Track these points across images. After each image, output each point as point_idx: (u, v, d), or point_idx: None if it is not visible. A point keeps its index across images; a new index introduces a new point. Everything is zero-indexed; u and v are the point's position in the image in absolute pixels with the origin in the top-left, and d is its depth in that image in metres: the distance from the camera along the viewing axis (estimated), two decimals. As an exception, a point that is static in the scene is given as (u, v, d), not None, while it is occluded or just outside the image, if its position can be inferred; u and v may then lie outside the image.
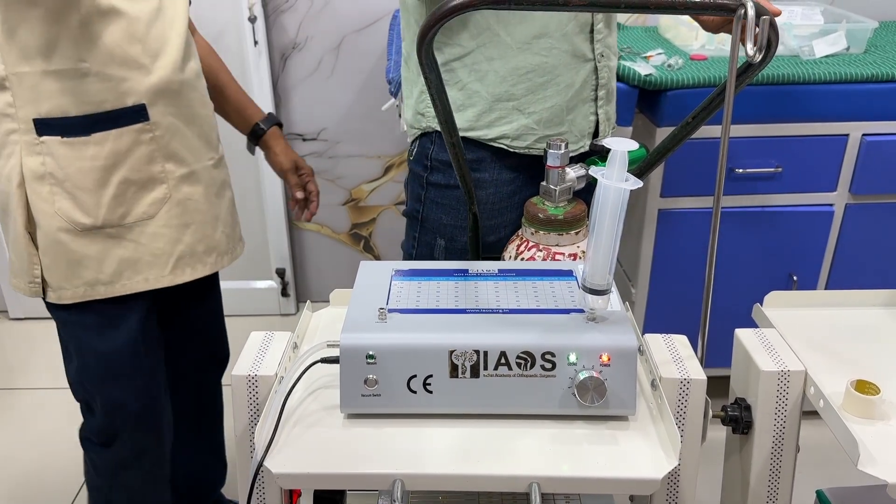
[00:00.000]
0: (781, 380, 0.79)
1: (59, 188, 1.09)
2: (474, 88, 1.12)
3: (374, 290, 0.82)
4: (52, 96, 1.06)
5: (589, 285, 0.73)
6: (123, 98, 1.10)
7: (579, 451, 0.70)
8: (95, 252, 1.13)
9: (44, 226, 1.11)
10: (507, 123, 1.14)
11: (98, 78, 1.07)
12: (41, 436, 2.03)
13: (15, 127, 1.08)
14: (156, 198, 1.15)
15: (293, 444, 0.71)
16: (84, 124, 1.08)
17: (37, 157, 1.08)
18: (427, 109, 1.18)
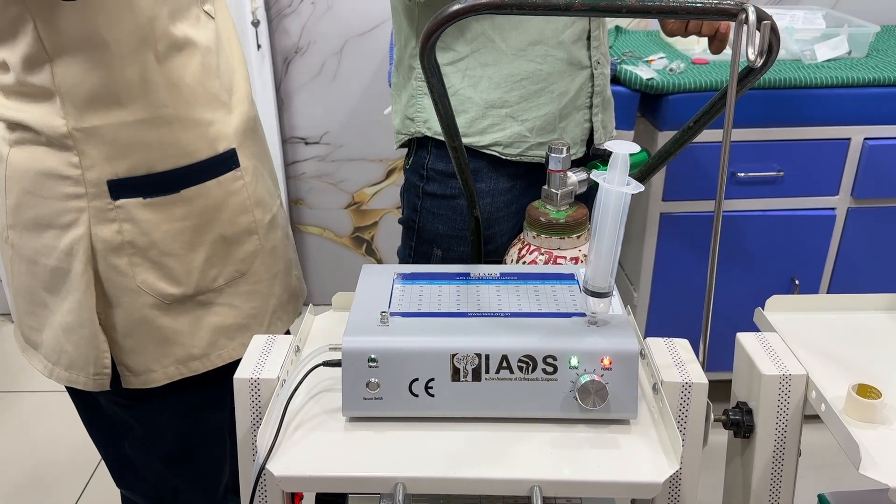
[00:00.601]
0: (783, 384, 0.79)
1: (140, 258, 0.94)
2: (467, 94, 1.13)
3: (376, 293, 0.82)
4: (131, 151, 0.90)
5: (591, 288, 0.73)
6: (215, 144, 0.95)
7: (581, 454, 0.70)
8: (186, 325, 0.99)
9: (124, 304, 0.95)
10: (500, 130, 1.14)
11: (184, 124, 0.92)
12: (43, 439, 2.03)
13: (79, 192, 0.91)
14: (248, 251, 1.02)
15: (295, 447, 0.71)
16: (171, 180, 0.93)
17: (110, 225, 0.92)
18: (417, 114, 1.18)
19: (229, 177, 0.98)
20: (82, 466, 1.93)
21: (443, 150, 1.14)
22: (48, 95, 0.88)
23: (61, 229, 0.93)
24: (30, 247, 0.96)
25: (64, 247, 0.93)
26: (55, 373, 1.01)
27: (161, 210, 0.94)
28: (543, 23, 1.08)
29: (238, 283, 1.02)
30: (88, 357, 0.97)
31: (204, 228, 0.97)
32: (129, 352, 0.98)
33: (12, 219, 0.96)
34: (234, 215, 1.00)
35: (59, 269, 0.94)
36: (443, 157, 1.16)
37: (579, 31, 1.13)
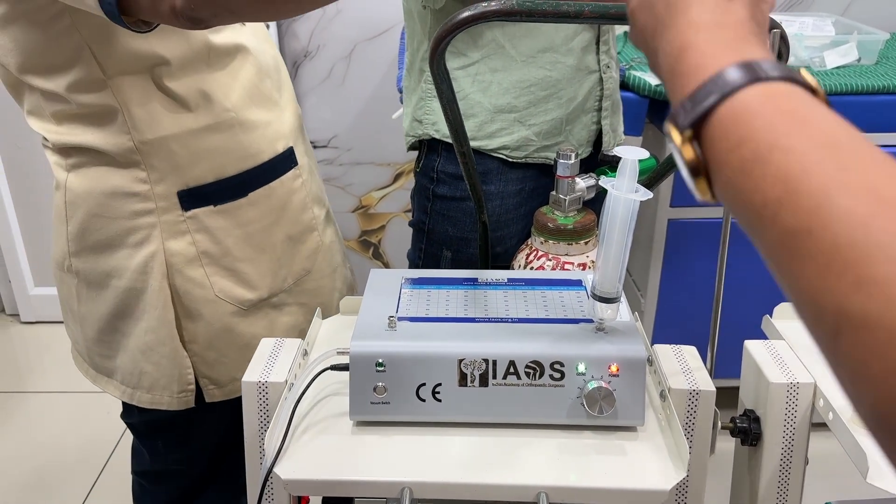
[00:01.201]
0: (791, 392, 0.79)
1: (216, 267, 0.94)
2: (476, 99, 1.13)
3: (384, 297, 0.82)
4: (199, 159, 0.90)
5: (598, 293, 0.73)
6: (274, 144, 0.97)
7: (588, 461, 0.70)
8: (263, 328, 0.99)
9: (206, 315, 0.94)
10: (508, 135, 1.14)
11: (245, 127, 0.93)
12: (51, 439, 2.04)
13: (149, 207, 0.90)
14: (310, 248, 1.03)
15: (303, 450, 0.71)
16: (239, 184, 0.93)
17: (183, 238, 0.92)
18: (425, 117, 1.18)
19: (290, 175, 0.99)
20: (89, 468, 1.94)
21: (453, 153, 1.15)
22: (111, 113, 0.87)
23: (133, 248, 0.92)
24: (98, 271, 0.94)
25: (137, 265, 0.92)
26: (136, 396, 0.99)
27: (231, 216, 0.94)
28: (553, 30, 1.08)
29: (304, 280, 1.03)
30: (171, 375, 0.96)
31: (271, 230, 0.98)
32: (212, 364, 0.97)
33: (76, 245, 0.95)
34: (296, 214, 1.01)
35: (133, 290, 0.93)
36: (453, 159, 1.16)
37: (589, 38, 1.13)
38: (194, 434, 1.08)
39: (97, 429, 2.07)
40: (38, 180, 2.36)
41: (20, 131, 2.30)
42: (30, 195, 2.38)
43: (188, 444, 1.09)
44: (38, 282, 2.51)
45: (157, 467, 1.12)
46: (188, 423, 1.06)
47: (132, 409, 1.07)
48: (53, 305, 2.51)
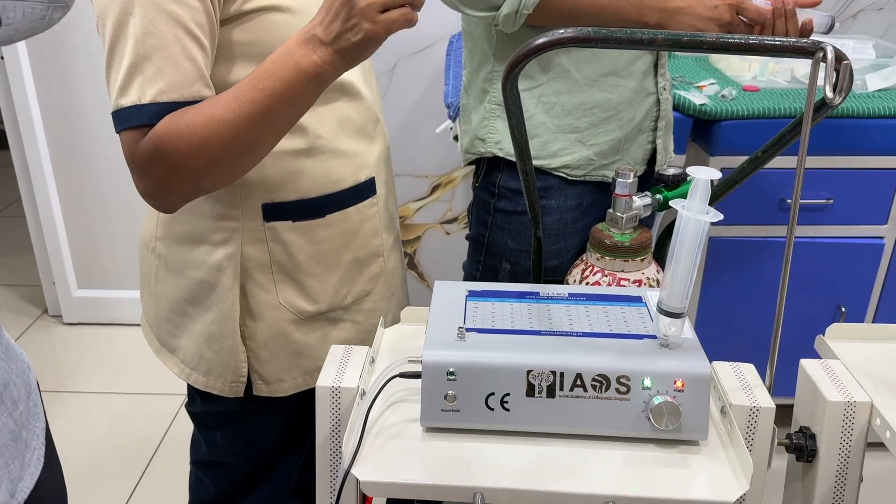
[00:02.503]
0: (847, 410, 0.81)
1: (283, 276, 1.01)
2: (540, 119, 1.16)
3: (450, 309, 0.85)
4: (287, 179, 0.97)
5: (665, 308, 0.75)
6: (357, 173, 1.03)
7: (653, 472, 0.72)
8: (316, 339, 1.06)
9: (266, 318, 1.02)
10: (569, 154, 1.18)
11: (334, 155, 1.00)
12: (92, 440, 2.09)
13: (235, 213, 0.97)
14: (374, 272, 1.09)
15: (376, 453, 0.74)
16: (319, 206, 1.00)
17: (260, 245, 0.99)
18: (489, 135, 1.22)
19: (367, 203, 1.06)
20: (130, 469, 1.98)
21: (514, 169, 1.18)
22: None
23: (213, 246, 0.99)
24: (178, 259, 1.02)
25: (214, 262, 0.99)
26: (192, 377, 1.06)
27: (306, 233, 1.01)
28: (616, 55, 1.12)
29: (363, 301, 1.09)
30: (227, 365, 1.03)
31: (341, 251, 1.04)
32: (264, 362, 1.04)
33: (163, 231, 1.02)
34: (366, 239, 1.07)
35: (206, 283, 1.00)
36: (514, 175, 1.19)
37: (649, 62, 1.16)
38: (250, 430, 1.13)
39: (138, 430, 2.11)
40: (85, 184, 2.42)
41: (69, 136, 2.36)
42: (76, 199, 2.44)
43: (244, 439, 1.14)
44: (82, 284, 2.57)
45: (213, 458, 1.17)
46: (245, 418, 1.11)
47: (195, 398, 1.13)
48: (96, 308, 2.58)
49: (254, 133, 0.84)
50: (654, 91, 1.20)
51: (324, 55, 0.82)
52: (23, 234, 2.66)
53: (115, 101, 0.86)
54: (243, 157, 0.86)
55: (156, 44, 0.83)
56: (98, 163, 2.39)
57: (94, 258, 2.53)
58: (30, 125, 2.32)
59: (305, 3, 0.93)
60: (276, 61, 0.83)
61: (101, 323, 2.57)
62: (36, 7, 0.58)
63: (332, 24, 0.81)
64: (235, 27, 0.90)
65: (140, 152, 0.85)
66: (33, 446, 0.72)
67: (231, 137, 0.83)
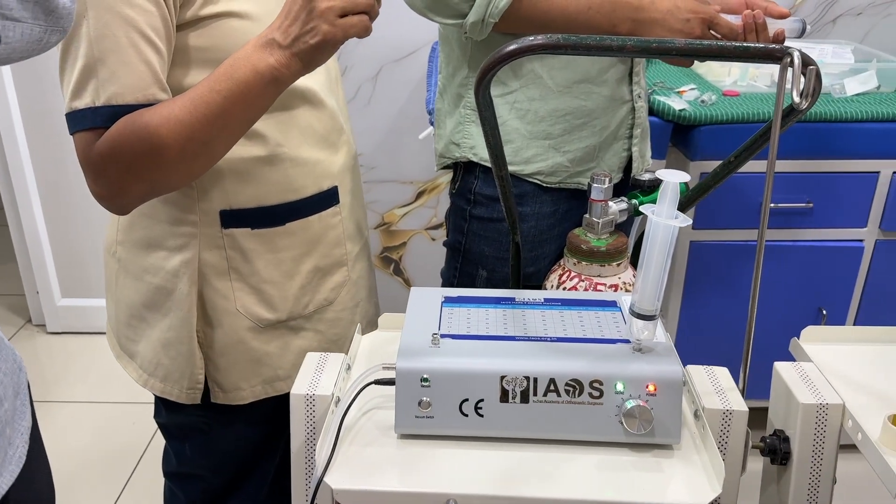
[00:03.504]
0: (820, 412, 0.81)
1: (242, 283, 1.00)
2: (513, 125, 1.17)
3: (425, 315, 0.85)
4: (246, 186, 0.97)
5: (637, 310, 0.76)
6: (319, 182, 1.02)
7: (626, 477, 0.73)
8: (275, 348, 1.05)
9: (224, 325, 1.01)
10: (543, 161, 1.18)
11: (294, 163, 0.99)
12: (77, 449, 2.07)
13: (193, 219, 0.97)
14: (337, 282, 1.08)
15: (350, 461, 0.74)
16: (279, 214, 0.99)
17: (218, 252, 0.98)
18: (463, 140, 1.22)
19: (329, 212, 1.05)
20: (114, 478, 1.97)
21: (490, 176, 1.18)
22: None
23: (170, 251, 0.99)
24: (137, 264, 1.01)
25: (171, 268, 0.99)
26: (150, 383, 1.06)
27: (266, 240, 1.00)
28: (589, 62, 1.12)
29: (325, 310, 1.08)
30: (184, 372, 1.02)
31: (302, 259, 1.03)
32: (221, 370, 1.03)
33: (123, 236, 1.02)
34: (329, 248, 1.06)
35: (163, 288, 1.00)
36: (490, 181, 1.20)
37: (622, 70, 1.17)
38: (217, 441, 1.12)
39: (123, 439, 2.10)
40: (68, 193, 2.41)
41: (52, 145, 2.35)
42: (59, 208, 2.43)
43: (211, 449, 1.13)
44: (66, 293, 2.55)
45: (184, 470, 1.16)
46: (211, 428, 1.10)
47: (161, 409, 1.12)
48: (80, 317, 2.56)
49: (209, 134, 0.84)
50: (629, 99, 1.20)
51: (280, 58, 0.83)
52: (6, 244, 2.64)
53: (69, 103, 0.86)
54: (199, 157, 0.86)
55: (109, 46, 0.83)
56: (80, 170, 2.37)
57: (77, 267, 2.51)
58: (11, 134, 2.30)
59: (264, 10, 0.93)
60: (233, 64, 0.84)
61: (85, 332, 2.56)
62: (34, 29, 0.59)
63: (291, 28, 0.82)
64: (192, 32, 0.90)
65: (95, 154, 0.85)
66: (16, 444, 0.72)
67: (187, 139, 0.84)
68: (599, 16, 1.05)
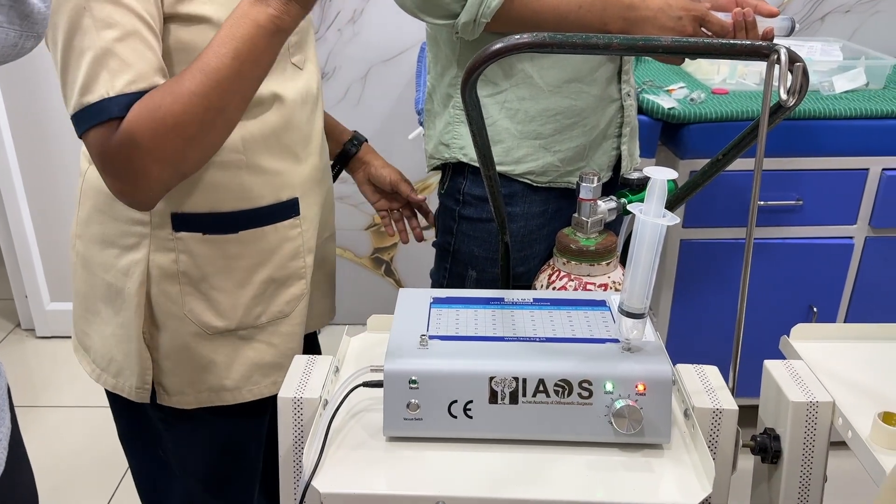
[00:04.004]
0: (810, 410, 0.81)
1: (191, 288, 0.98)
2: (504, 125, 1.16)
3: (414, 316, 0.84)
4: (198, 190, 0.95)
5: (626, 309, 0.75)
6: (278, 192, 1.00)
7: (616, 477, 0.72)
8: (224, 357, 1.02)
9: (169, 328, 0.99)
10: (534, 161, 1.18)
11: (253, 171, 0.97)
12: (66, 454, 2.06)
13: (144, 219, 0.96)
14: (294, 294, 1.05)
15: (339, 464, 0.74)
16: (231, 221, 0.98)
17: (168, 254, 0.97)
18: (453, 141, 1.21)
19: (287, 224, 1.02)
20: (104, 483, 1.95)
21: (479, 176, 1.18)
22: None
23: (122, 249, 0.98)
24: (92, 259, 1.01)
25: (122, 266, 0.98)
26: (102, 378, 1.06)
27: (218, 247, 0.98)
28: (580, 61, 1.12)
29: (280, 323, 1.05)
30: (133, 369, 1.02)
31: (255, 269, 1.01)
32: (166, 372, 1.02)
33: (81, 229, 1.03)
34: (286, 260, 1.03)
35: (113, 286, 1.00)
36: (479, 182, 1.19)
37: (612, 69, 1.17)
38: (176, 448, 1.10)
39: (113, 444, 2.07)
40: (56, 196, 2.39)
41: (39, 148, 2.34)
42: (47, 211, 2.42)
43: (170, 455, 1.11)
44: (55, 297, 2.54)
45: (148, 483, 1.16)
46: (163, 434, 1.09)
47: (121, 416, 1.12)
48: (69, 321, 2.53)
49: (223, 100, 0.83)
50: (617, 98, 1.20)
51: (277, 6, 0.82)
52: (-6, 248, 2.62)
53: (78, 100, 0.83)
54: (216, 127, 0.85)
55: (117, 35, 0.82)
56: (69, 174, 2.36)
57: (66, 271, 2.50)
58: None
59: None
60: (232, 24, 0.82)
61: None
62: (9, 33, 0.58)
63: None
64: (172, 25, 0.89)
65: (113, 147, 0.83)
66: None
67: (204, 109, 0.82)
68: (591, 14, 1.05)
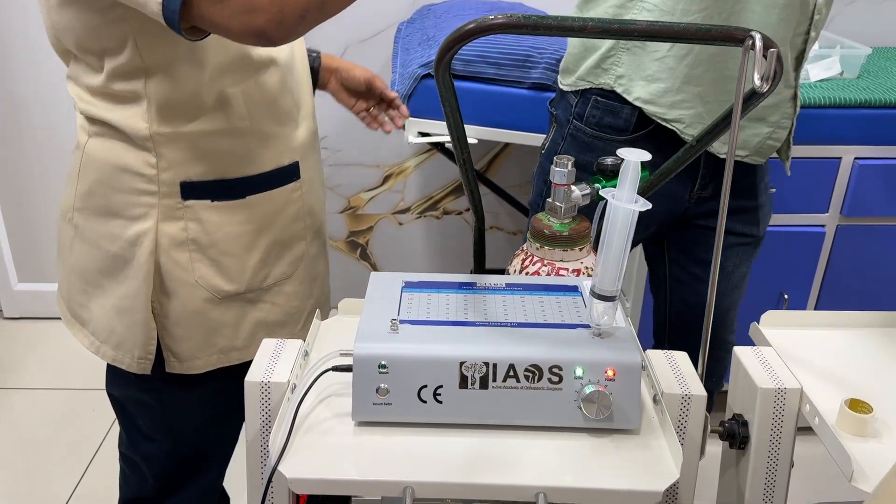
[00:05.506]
0: (778, 397, 0.81)
1: (201, 255, 1.00)
2: (669, 64, 1.13)
3: (384, 301, 0.84)
4: (206, 158, 0.97)
5: (598, 292, 0.75)
6: (280, 157, 1.03)
7: (584, 462, 0.72)
8: (232, 318, 1.05)
9: (181, 296, 1.01)
10: (688, 109, 1.15)
11: (256, 137, 0.99)
12: (36, 437, 2.03)
13: (152, 189, 0.97)
14: (295, 255, 1.09)
15: (306, 449, 0.73)
16: (239, 187, 1.00)
17: (177, 223, 0.98)
18: (612, 67, 1.18)
19: (290, 187, 1.05)
20: (74, 465, 1.93)
21: (609, 109, 1.18)
22: (136, 100, 0.94)
23: (129, 220, 0.98)
24: (94, 231, 1.01)
25: (129, 237, 0.98)
26: (101, 350, 1.06)
27: (226, 213, 1.00)
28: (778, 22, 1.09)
29: (284, 283, 1.08)
30: (136, 340, 1.02)
31: (261, 232, 1.03)
32: (178, 339, 1.03)
33: (81, 203, 1.01)
34: (288, 222, 1.06)
35: (120, 257, 0.99)
36: (613, 114, 1.18)
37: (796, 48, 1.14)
38: (172, 417, 1.11)
39: (83, 426, 2.06)
40: (23, 175, 2.34)
41: (6, 125, 2.28)
42: (14, 191, 2.37)
43: (165, 426, 1.12)
44: (22, 277, 2.49)
45: (137, 450, 1.15)
46: (164, 403, 1.10)
47: (114, 379, 1.12)
48: (38, 301, 2.50)
49: None
50: (793, 84, 1.17)
51: None
52: (-40, 227, 2.57)
53: None
54: None
55: None
56: (36, 153, 2.31)
57: (34, 250, 2.45)
58: (-36, 113, 2.23)
59: None
60: None
61: (43, 317, 2.50)
62: None
63: None
64: None
65: None
66: None
67: None
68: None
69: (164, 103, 0.93)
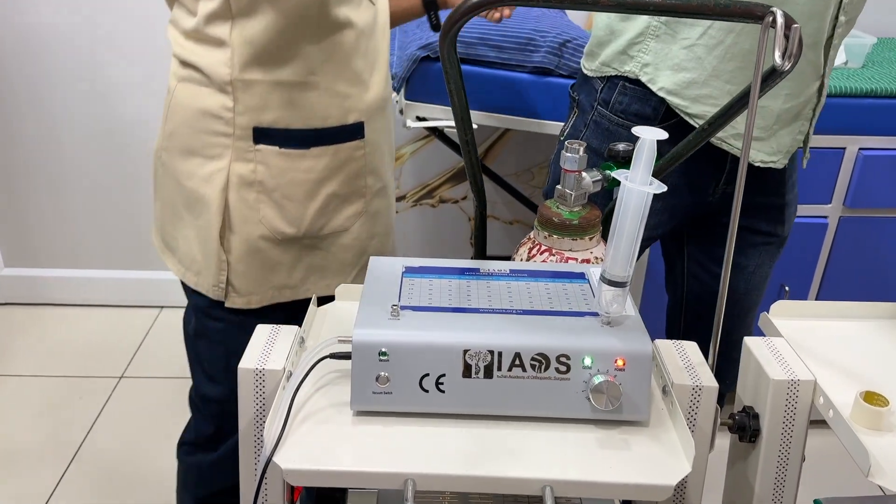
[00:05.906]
0: (791, 389, 0.79)
1: (266, 196, 1.09)
2: (698, 53, 1.09)
3: (385, 286, 0.80)
4: (278, 107, 1.05)
5: (608, 277, 0.72)
6: (346, 115, 1.09)
7: (593, 455, 0.69)
8: (289, 259, 1.13)
9: (243, 233, 1.10)
10: (713, 106, 1.10)
11: (325, 93, 1.07)
12: (22, 424, 2.00)
13: (228, 131, 1.06)
14: (355, 211, 1.16)
15: (302, 440, 0.70)
16: (304, 138, 1.08)
17: (248, 164, 1.07)
18: (639, 54, 1.14)
19: (352, 145, 1.12)
20: (61, 452, 1.90)
21: (637, 96, 1.14)
22: (221, 45, 1.03)
23: (206, 159, 1.08)
24: (176, 168, 1.12)
25: (205, 174, 1.09)
26: (187, 276, 1.17)
27: (291, 160, 1.08)
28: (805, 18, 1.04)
29: (340, 235, 1.16)
30: (211, 269, 1.12)
31: (322, 183, 1.11)
32: (239, 274, 1.12)
33: (167, 143, 1.13)
34: (350, 178, 1.13)
35: (195, 192, 1.10)
36: (641, 101, 1.15)
37: (814, 30, 1.07)
38: (228, 360, 1.17)
39: (70, 414, 2.03)
40: (11, 160, 2.30)
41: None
42: (2, 176, 2.32)
43: (222, 369, 1.20)
44: (10, 262, 2.45)
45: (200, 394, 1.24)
46: (227, 337, 1.17)
47: (192, 314, 1.21)
48: (26, 287, 2.46)
49: None
50: (821, 74, 1.12)
51: None
52: (-54, 210, 2.52)
53: None
54: None
55: None
56: (25, 137, 2.26)
57: (22, 235, 2.41)
58: (-50, 94, 2.18)
59: None
60: None
61: (31, 303, 2.46)
62: None
63: None
64: None
65: None
66: None
67: None
68: None
69: (245, 51, 1.02)
